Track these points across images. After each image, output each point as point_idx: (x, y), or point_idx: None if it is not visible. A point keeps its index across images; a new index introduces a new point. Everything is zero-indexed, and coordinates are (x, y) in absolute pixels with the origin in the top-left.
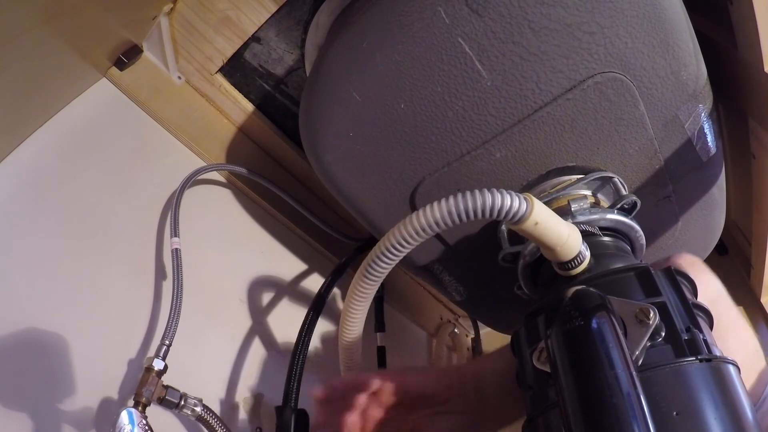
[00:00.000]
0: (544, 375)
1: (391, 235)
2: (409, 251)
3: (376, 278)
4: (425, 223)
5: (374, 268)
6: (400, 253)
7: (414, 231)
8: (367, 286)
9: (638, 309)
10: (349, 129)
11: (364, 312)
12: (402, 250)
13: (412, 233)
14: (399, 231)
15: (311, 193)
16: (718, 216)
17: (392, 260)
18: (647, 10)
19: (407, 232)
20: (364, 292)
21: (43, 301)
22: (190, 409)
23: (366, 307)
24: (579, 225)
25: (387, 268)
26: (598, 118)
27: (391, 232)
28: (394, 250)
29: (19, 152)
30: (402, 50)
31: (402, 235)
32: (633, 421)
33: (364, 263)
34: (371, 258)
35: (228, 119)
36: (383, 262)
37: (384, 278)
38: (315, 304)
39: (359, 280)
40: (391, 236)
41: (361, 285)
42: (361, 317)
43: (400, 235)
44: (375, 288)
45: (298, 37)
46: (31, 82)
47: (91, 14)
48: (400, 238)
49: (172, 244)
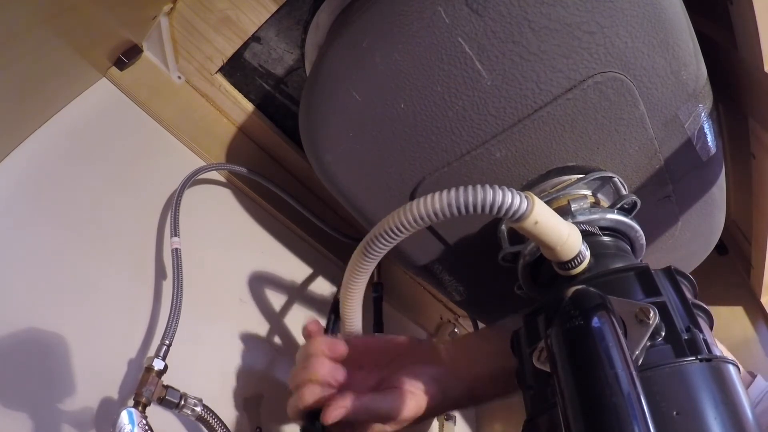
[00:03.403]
0: (544, 374)
1: (390, 219)
2: (404, 237)
3: (372, 257)
4: (424, 213)
5: (372, 248)
6: (397, 237)
7: (413, 218)
8: (365, 263)
9: (638, 309)
10: (349, 129)
11: (362, 285)
12: (399, 235)
13: (410, 220)
14: (398, 216)
15: (311, 193)
16: (718, 216)
17: (388, 243)
18: (647, 9)
19: (406, 218)
20: (361, 268)
21: (43, 300)
22: (190, 409)
23: (364, 283)
24: (579, 225)
25: (384, 250)
26: (598, 117)
27: (391, 216)
28: (391, 233)
29: (19, 152)
30: (402, 50)
31: (401, 221)
32: (633, 420)
33: (362, 242)
34: (370, 238)
35: (228, 119)
36: (381, 244)
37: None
38: (334, 308)
39: (358, 257)
40: (390, 220)
41: (360, 262)
42: (360, 290)
43: (398, 220)
44: (371, 266)
45: (298, 36)
46: (31, 81)
47: (91, 14)
48: (398, 223)
49: (172, 244)
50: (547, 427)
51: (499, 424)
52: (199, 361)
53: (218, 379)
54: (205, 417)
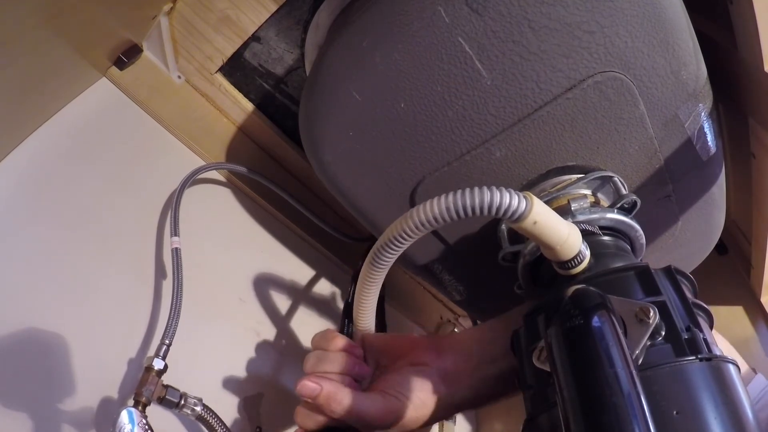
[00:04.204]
0: (544, 374)
1: (393, 228)
2: (409, 245)
3: (381, 266)
4: (424, 219)
5: (379, 257)
6: (401, 245)
7: (414, 225)
8: (375, 272)
9: (638, 308)
10: (349, 129)
11: (375, 294)
12: (403, 243)
13: (412, 227)
14: (400, 225)
15: (311, 192)
16: (718, 216)
17: (394, 252)
18: (647, 9)
19: (407, 226)
20: (372, 278)
21: (43, 300)
22: (190, 408)
23: (376, 291)
24: (579, 224)
25: (391, 258)
26: (598, 117)
27: (393, 226)
28: (396, 241)
29: (19, 152)
30: (402, 49)
31: (403, 229)
32: (633, 420)
33: (370, 253)
34: (376, 248)
35: (228, 119)
36: (387, 253)
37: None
38: (346, 312)
39: (367, 269)
40: (393, 230)
41: (369, 272)
42: (373, 299)
43: (401, 228)
44: (382, 275)
45: (298, 36)
46: (30, 81)
47: (90, 13)
48: (401, 231)
49: (172, 244)
50: (547, 427)
51: (499, 424)
52: (199, 361)
53: (218, 379)
54: (205, 417)
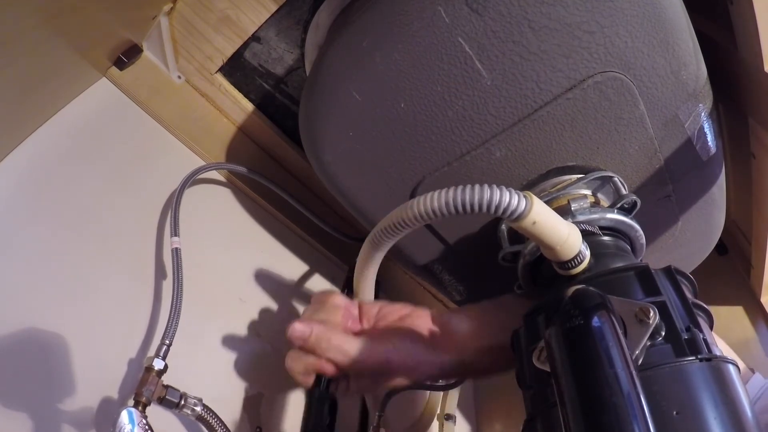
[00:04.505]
0: (544, 374)
1: (393, 215)
2: (406, 233)
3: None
4: (423, 210)
5: (378, 239)
6: (399, 232)
7: (413, 215)
8: (373, 252)
9: (638, 308)
10: (349, 129)
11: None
12: (400, 231)
13: (410, 217)
14: (399, 213)
15: (311, 192)
16: (718, 216)
17: (392, 237)
18: (647, 9)
19: (406, 215)
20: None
21: (43, 300)
22: (190, 408)
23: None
24: (579, 224)
25: (389, 243)
26: (598, 117)
27: (393, 213)
28: (394, 228)
29: (19, 152)
30: (402, 50)
31: (401, 218)
32: (633, 420)
33: (370, 234)
34: (377, 230)
35: (228, 119)
36: (386, 237)
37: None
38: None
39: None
40: (392, 217)
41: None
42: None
43: (399, 217)
44: (379, 255)
45: (298, 36)
46: (30, 81)
47: (90, 14)
48: (399, 220)
49: (172, 244)
50: (547, 427)
51: (499, 424)
52: (199, 361)
53: (218, 379)
54: (205, 417)
